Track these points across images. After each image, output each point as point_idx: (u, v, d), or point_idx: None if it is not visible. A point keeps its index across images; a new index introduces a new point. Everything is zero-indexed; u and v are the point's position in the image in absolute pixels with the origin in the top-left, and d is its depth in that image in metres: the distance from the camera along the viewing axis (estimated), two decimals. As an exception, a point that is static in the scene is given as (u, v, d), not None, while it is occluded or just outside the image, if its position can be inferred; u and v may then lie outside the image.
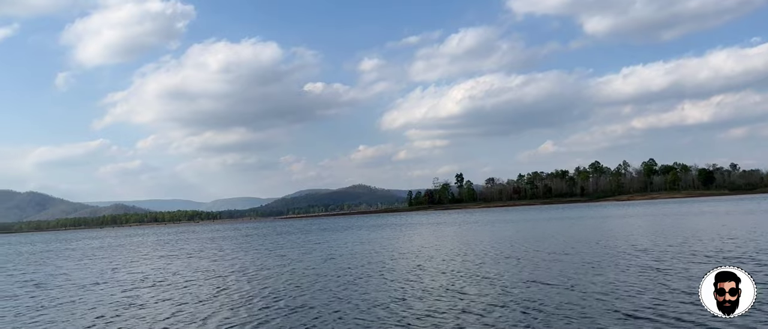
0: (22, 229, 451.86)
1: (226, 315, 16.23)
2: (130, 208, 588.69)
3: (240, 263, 33.28)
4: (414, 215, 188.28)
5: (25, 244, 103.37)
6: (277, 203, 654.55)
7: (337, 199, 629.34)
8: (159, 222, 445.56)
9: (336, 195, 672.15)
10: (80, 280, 28.44)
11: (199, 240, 72.35)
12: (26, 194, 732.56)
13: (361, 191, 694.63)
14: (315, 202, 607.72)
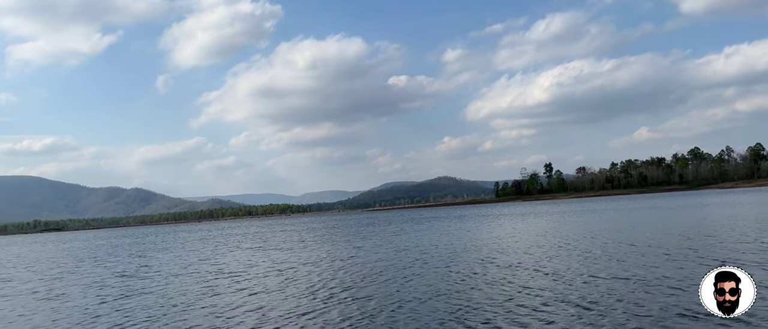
0: (129, 223, 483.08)
1: (292, 303, 16.60)
2: (225, 202, 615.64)
3: (317, 254, 33.88)
4: (499, 206, 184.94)
5: (127, 237, 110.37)
6: (364, 196, 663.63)
7: (423, 191, 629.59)
8: (252, 216, 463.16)
9: (421, 187, 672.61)
10: (167, 270, 29.96)
11: (285, 232, 74.52)
12: (131, 191, 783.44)
13: (447, 182, 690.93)
14: (400, 194, 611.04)
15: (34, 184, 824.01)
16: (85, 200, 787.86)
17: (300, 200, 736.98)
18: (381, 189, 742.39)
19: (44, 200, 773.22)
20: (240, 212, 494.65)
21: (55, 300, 21.26)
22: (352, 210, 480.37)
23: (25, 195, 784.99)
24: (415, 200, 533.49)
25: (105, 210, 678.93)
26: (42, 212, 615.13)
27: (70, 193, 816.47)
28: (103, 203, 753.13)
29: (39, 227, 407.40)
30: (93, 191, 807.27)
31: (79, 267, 36.62)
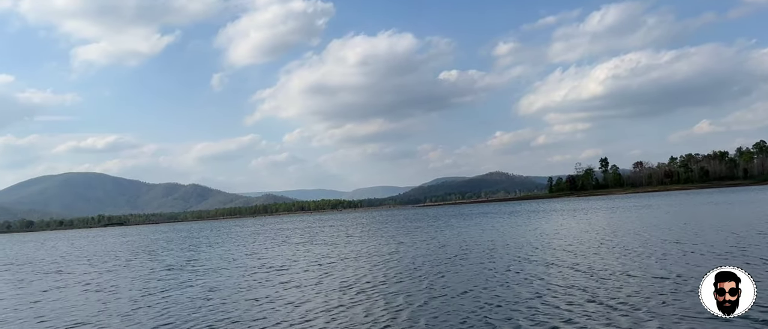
0: (187, 218, 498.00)
1: (325, 297, 17.02)
2: (279, 198, 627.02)
3: (358, 249, 34.27)
4: (552, 202, 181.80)
5: (182, 232, 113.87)
6: (415, 192, 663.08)
7: (474, 186, 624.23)
8: (305, 211, 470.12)
9: (473, 183, 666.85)
10: (213, 264, 30.94)
11: (333, 227, 75.44)
12: (189, 186, 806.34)
13: (499, 178, 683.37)
14: (452, 190, 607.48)
15: (97, 180, 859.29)
16: (145, 195, 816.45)
17: (351, 196, 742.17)
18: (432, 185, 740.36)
19: (107, 196, 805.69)
20: (293, 208, 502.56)
21: (104, 291, 22.29)
22: (403, 206, 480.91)
23: (90, 191, 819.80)
24: (467, 196, 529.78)
25: (164, 205, 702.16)
26: (105, 207, 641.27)
27: (131, 189, 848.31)
28: (162, 199, 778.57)
29: (102, 222, 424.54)
30: (152, 187, 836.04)
31: (132, 261, 38.15)
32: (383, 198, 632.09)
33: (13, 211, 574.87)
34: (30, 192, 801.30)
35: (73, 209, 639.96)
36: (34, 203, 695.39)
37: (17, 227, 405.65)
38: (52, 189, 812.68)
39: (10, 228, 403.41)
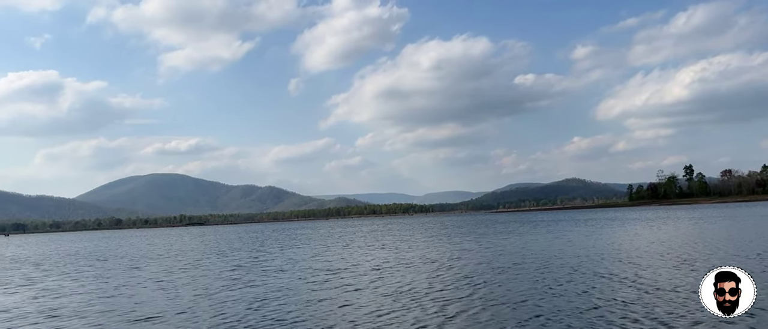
0: (263, 219, 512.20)
1: (377, 302, 17.01)
2: (351, 201, 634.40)
3: (419, 254, 34.04)
4: (631, 210, 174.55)
5: (256, 233, 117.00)
6: (488, 197, 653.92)
7: (549, 193, 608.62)
8: (376, 214, 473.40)
9: (548, 189, 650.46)
10: (277, 265, 31.54)
11: (400, 231, 75.38)
12: (266, 188, 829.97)
13: (575, 184, 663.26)
14: (526, 196, 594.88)
15: (180, 181, 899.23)
16: (224, 196, 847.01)
17: (423, 200, 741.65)
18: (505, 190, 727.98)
19: (189, 196, 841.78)
20: (365, 211, 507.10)
21: (170, 289, 23.12)
22: (475, 211, 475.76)
23: (173, 191, 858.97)
24: (542, 203, 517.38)
25: (242, 206, 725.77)
26: (187, 207, 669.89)
27: (211, 190, 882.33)
28: (240, 200, 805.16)
29: (184, 221, 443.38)
30: (231, 189, 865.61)
31: (203, 260, 39.42)
32: (455, 203, 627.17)
33: (104, 209, 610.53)
34: (119, 192, 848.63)
35: (157, 208, 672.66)
36: (123, 202, 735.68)
37: (107, 225, 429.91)
38: (139, 189, 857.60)
39: (101, 226, 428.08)
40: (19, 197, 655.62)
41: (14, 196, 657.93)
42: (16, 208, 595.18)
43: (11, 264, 46.19)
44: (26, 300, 22.09)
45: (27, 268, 39.65)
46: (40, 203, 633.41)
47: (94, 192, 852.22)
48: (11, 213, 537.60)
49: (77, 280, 28.93)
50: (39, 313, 18.34)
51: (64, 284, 27.31)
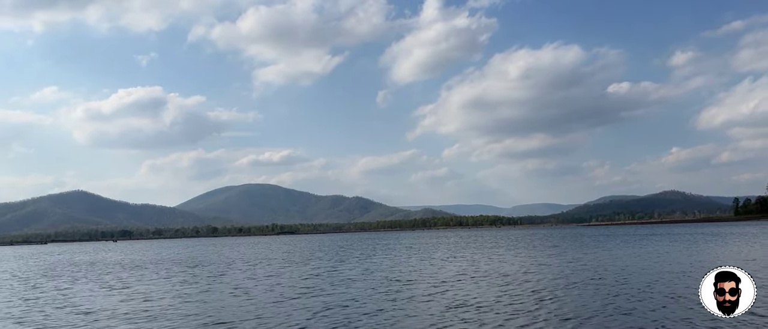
0: (350, 229, 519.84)
1: (436, 315, 16.98)
2: (437, 212, 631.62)
3: (494, 267, 33.63)
4: (736, 225, 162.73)
5: (341, 242, 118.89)
6: (579, 210, 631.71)
7: (646, 206, 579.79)
8: (463, 226, 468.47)
9: (644, 202, 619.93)
10: (352, 273, 32.01)
11: (482, 244, 74.22)
12: (353, 199, 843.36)
13: (674, 197, 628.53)
14: (620, 209, 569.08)
15: (272, 191, 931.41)
16: (313, 206, 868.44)
17: (510, 212, 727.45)
18: (598, 203, 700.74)
19: (280, 206, 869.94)
20: (451, 223, 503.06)
21: (248, 295, 24.17)
22: (565, 224, 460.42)
23: (266, 201, 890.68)
24: (637, 216, 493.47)
25: (330, 216, 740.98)
26: (278, 216, 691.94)
27: (301, 200, 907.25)
28: (328, 210, 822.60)
29: (275, 230, 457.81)
30: (320, 199, 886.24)
31: (284, 267, 40.67)
32: (544, 216, 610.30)
33: (201, 217, 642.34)
34: (215, 201, 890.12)
35: (250, 217, 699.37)
36: (219, 211, 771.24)
37: (204, 233, 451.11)
38: (234, 198, 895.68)
39: (198, 233, 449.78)
40: (126, 206, 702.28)
41: (122, 204, 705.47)
42: (123, 215, 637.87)
43: (112, 267, 49.46)
44: (117, 301, 23.61)
45: (126, 272, 42.36)
46: (144, 211, 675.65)
47: (193, 201, 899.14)
48: (119, 220, 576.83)
49: (166, 284, 30.61)
50: (123, 315, 19.61)
51: (154, 287, 28.97)
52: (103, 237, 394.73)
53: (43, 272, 46.33)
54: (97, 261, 65.41)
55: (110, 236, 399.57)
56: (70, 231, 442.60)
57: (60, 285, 32.29)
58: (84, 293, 27.59)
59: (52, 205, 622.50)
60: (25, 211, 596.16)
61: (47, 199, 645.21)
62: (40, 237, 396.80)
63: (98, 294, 27.12)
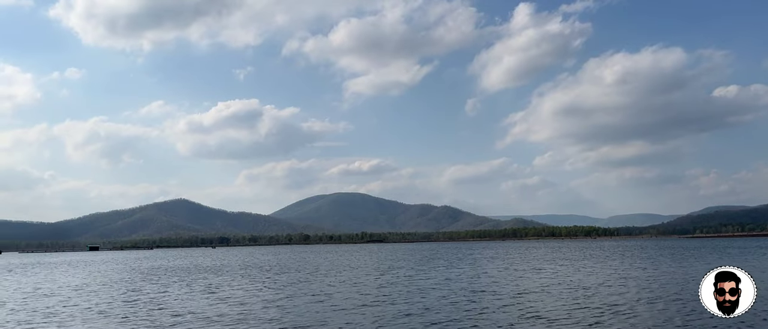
0: (439, 238, 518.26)
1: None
2: (528, 222, 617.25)
3: (579, 279, 32.57)
4: None
5: (426, 251, 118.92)
6: (681, 221, 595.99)
7: (758, 217, 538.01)
8: (556, 237, 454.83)
9: (756, 213, 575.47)
10: (425, 284, 32.08)
11: (571, 256, 71.94)
12: (441, 208, 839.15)
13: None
14: (728, 220, 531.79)
15: (362, 200, 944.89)
16: (401, 215, 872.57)
17: (607, 223, 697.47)
18: (702, 214, 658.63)
19: (369, 214, 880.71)
20: (543, 233, 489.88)
21: (327, 301, 24.89)
22: (666, 236, 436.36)
23: (355, 209, 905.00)
24: (747, 228, 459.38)
25: (418, 225, 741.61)
26: (368, 224, 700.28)
27: (389, 208, 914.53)
28: (417, 219, 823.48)
29: (365, 238, 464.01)
30: (408, 208, 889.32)
31: (366, 275, 41.34)
32: (643, 227, 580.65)
33: (294, 225, 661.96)
34: (307, 209, 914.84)
35: (340, 225, 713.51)
36: (310, 219, 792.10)
37: (296, 240, 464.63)
38: (325, 207, 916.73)
39: (291, 241, 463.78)
40: (223, 214, 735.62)
41: (220, 212, 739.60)
42: (221, 223, 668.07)
43: (204, 273, 52.16)
44: (205, 304, 25.07)
45: (219, 276, 44.61)
46: (240, 219, 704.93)
47: (286, 209, 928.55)
48: (217, 228, 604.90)
49: (252, 289, 32.06)
50: (210, 317, 20.75)
51: (239, 292, 30.45)
52: (203, 244, 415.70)
53: (144, 275, 49.59)
54: (196, 265, 69.15)
55: (209, 242, 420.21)
56: (173, 237, 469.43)
57: (158, 288, 34.55)
58: (178, 295, 29.41)
59: (157, 212, 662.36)
60: (134, 218, 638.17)
61: (153, 207, 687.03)
62: (147, 243, 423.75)
63: (190, 296, 28.82)
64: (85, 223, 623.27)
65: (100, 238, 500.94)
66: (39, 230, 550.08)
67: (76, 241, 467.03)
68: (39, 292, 33.43)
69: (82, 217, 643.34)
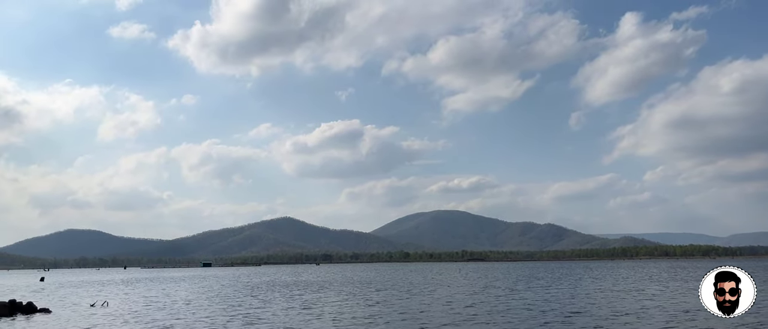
0: (542, 257, 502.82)
1: None
2: (638, 241, 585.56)
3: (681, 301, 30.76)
4: None
5: (528, 270, 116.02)
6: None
7: None
8: (669, 256, 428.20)
9: None
10: (518, 303, 31.47)
11: (683, 276, 67.69)
12: (545, 226, 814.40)
13: None
14: None
15: (461, 218, 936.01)
16: (502, 233, 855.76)
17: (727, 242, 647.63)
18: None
19: (469, 232, 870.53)
20: (655, 252, 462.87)
21: (411, 319, 24.94)
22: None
23: (455, 227, 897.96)
24: None
25: (521, 244, 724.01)
26: (467, 242, 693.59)
27: (490, 226, 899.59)
28: (519, 237, 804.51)
29: (465, 257, 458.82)
30: (510, 226, 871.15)
31: (460, 293, 41.14)
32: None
33: (394, 243, 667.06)
34: (407, 227, 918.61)
35: (440, 243, 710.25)
36: (410, 237, 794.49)
37: (396, 258, 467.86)
38: (424, 225, 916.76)
39: (392, 258, 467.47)
40: (327, 231, 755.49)
41: (323, 230, 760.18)
42: (325, 240, 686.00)
43: (304, 288, 54.04)
44: (299, 318, 26.32)
45: (318, 292, 46.16)
46: (343, 237, 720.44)
47: (386, 227, 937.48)
48: (321, 245, 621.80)
49: (347, 305, 33.01)
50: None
51: (333, 307, 31.53)
52: (307, 261, 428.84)
53: (249, 291, 52.15)
54: (297, 281, 71.72)
55: (313, 259, 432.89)
56: (280, 254, 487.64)
57: (258, 303, 36.40)
58: (276, 310, 30.91)
59: (264, 230, 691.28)
60: (243, 236, 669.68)
61: (261, 225, 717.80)
62: (255, 259, 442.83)
63: (287, 311, 30.20)
64: (199, 240, 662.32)
65: (213, 255, 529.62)
66: (158, 247, 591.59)
67: (191, 257, 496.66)
68: (154, 305, 36.15)
69: (196, 234, 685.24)
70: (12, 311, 29.71)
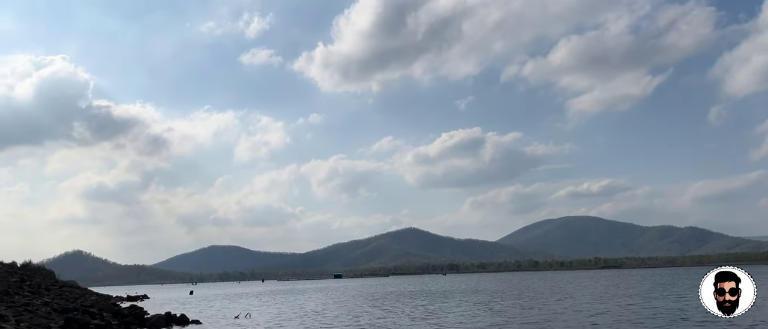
0: (685, 263, 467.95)
1: None
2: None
3: None
4: None
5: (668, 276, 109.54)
6: None
7: None
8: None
9: None
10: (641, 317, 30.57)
11: None
12: (686, 229, 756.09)
13: None
14: None
15: (592, 223, 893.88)
16: (639, 238, 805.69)
17: None
18: None
19: (602, 239, 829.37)
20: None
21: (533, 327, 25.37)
22: None
23: (586, 234, 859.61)
24: None
25: (660, 249, 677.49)
26: (600, 249, 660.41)
27: (624, 232, 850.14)
28: (657, 242, 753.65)
29: (599, 264, 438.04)
30: (646, 230, 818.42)
31: (588, 304, 40.34)
32: None
33: (521, 251, 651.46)
34: (534, 235, 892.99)
35: (571, 250, 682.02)
36: (538, 245, 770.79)
37: (525, 267, 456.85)
38: (553, 232, 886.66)
39: (520, 267, 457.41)
40: (451, 241, 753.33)
41: (448, 240, 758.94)
42: (450, 250, 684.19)
43: (428, 298, 55.29)
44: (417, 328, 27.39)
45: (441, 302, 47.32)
46: (468, 246, 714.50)
47: (512, 235, 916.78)
48: (446, 255, 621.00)
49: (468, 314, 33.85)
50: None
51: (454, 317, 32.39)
52: (434, 271, 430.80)
53: (374, 301, 54.35)
54: (422, 291, 73.27)
55: (439, 269, 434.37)
56: (406, 265, 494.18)
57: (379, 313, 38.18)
58: (395, 319, 32.49)
59: (390, 241, 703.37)
60: (370, 247, 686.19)
61: (387, 236, 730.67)
62: (383, 271, 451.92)
63: (406, 320, 31.61)
64: (329, 252, 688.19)
65: (342, 266, 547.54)
66: (292, 260, 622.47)
67: (322, 269, 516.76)
68: (282, 316, 39.07)
69: (326, 247, 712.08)
70: (168, 322, 33.46)
